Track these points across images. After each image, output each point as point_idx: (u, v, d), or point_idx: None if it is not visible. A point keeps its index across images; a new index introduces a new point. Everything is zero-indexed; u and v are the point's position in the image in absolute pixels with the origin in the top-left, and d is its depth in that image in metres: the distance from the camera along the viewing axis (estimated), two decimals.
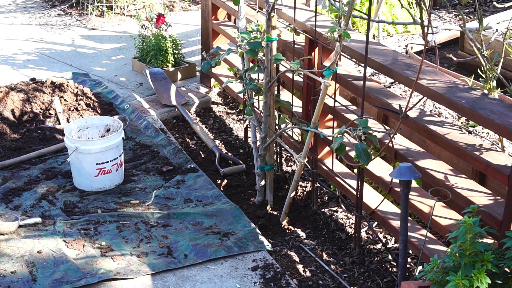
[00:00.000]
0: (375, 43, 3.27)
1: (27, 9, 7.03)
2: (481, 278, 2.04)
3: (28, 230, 3.22)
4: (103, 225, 3.28)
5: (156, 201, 3.52)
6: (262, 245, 3.14)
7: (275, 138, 3.43)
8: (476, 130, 4.22)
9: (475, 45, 2.83)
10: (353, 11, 2.82)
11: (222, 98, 5.01)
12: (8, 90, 4.48)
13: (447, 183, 2.68)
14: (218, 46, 3.58)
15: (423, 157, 2.90)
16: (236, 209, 3.43)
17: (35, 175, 3.75)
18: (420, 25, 2.69)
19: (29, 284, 2.83)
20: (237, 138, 4.43)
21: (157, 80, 4.75)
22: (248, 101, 3.53)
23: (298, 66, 3.10)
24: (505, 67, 4.82)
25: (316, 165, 3.45)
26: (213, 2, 4.84)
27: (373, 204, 3.13)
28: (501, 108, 2.43)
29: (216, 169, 3.99)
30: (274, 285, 2.88)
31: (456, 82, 2.72)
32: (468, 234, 2.10)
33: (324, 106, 3.25)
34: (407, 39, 6.02)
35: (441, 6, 6.97)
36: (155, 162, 3.94)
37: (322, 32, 3.26)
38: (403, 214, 2.54)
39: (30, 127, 4.28)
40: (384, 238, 3.29)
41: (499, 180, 2.41)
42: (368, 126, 2.69)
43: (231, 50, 3.46)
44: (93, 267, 2.95)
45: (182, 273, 2.96)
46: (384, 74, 3.02)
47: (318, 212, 3.51)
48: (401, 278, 2.60)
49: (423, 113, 2.91)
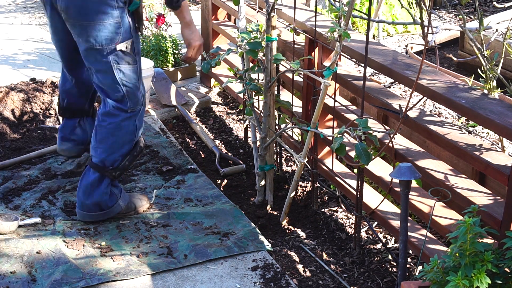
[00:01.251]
0: (375, 43, 3.27)
1: (27, 9, 7.03)
2: (481, 278, 2.03)
3: (27, 230, 3.21)
4: (103, 225, 3.28)
5: (156, 201, 3.52)
6: (262, 245, 3.14)
7: (275, 138, 3.43)
8: (476, 130, 4.22)
9: (475, 45, 2.83)
10: (353, 11, 2.81)
11: (222, 98, 5.01)
12: (8, 90, 4.48)
13: (447, 183, 2.68)
14: (218, 46, 3.58)
15: (423, 157, 2.90)
16: (236, 209, 3.43)
17: (35, 175, 3.75)
18: (420, 25, 2.69)
19: (28, 285, 2.83)
20: (237, 138, 4.43)
21: (157, 80, 4.75)
22: (248, 101, 3.53)
23: (298, 66, 3.10)
24: (505, 67, 4.82)
25: (316, 165, 3.45)
26: (213, 2, 4.84)
27: (373, 204, 3.13)
28: (501, 108, 2.43)
29: (216, 169, 3.99)
30: (274, 285, 2.88)
31: (456, 82, 2.72)
32: (468, 234, 2.10)
33: (324, 106, 3.25)
34: (407, 39, 6.02)
35: (441, 6, 6.97)
36: (155, 162, 3.94)
37: (322, 32, 3.26)
38: (403, 214, 2.54)
39: (30, 127, 4.28)
40: (384, 238, 3.29)
41: (499, 180, 2.41)
42: (368, 126, 2.69)
43: (231, 50, 3.46)
44: (92, 267, 2.95)
45: (182, 273, 2.96)
46: (384, 74, 3.02)
47: (318, 212, 3.51)
48: (401, 278, 2.60)
49: (423, 113, 2.91)
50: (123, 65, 3.07)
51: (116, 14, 2.96)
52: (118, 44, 3.00)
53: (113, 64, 3.04)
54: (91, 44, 3.00)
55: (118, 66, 3.05)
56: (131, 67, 3.09)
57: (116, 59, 3.04)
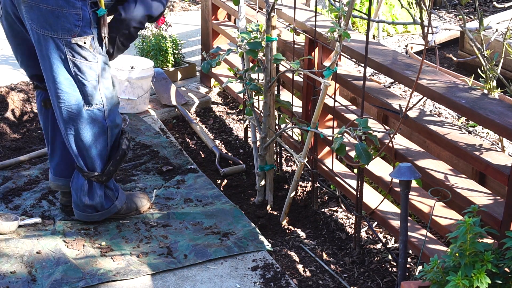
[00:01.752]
0: (375, 43, 3.28)
1: None
2: (481, 278, 2.03)
3: (27, 230, 3.22)
4: (103, 225, 3.28)
5: (156, 201, 3.52)
6: (262, 245, 3.14)
7: (275, 138, 3.43)
8: (476, 130, 4.22)
9: (475, 45, 2.83)
10: (353, 11, 2.82)
11: (222, 98, 5.01)
12: (8, 90, 4.48)
13: (447, 183, 2.68)
14: (218, 46, 3.58)
15: (423, 157, 2.90)
16: (236, 209, 3.43)
17: (35, 175, 3.75)
18: (420, 25, 2.69)
19: (28, 285, 2.83)
20: (237, 138, 4.43)
21: (157, 80, 4.75)
22: (248, 101, 3.53)
23: (298, 66, 3.10)
24: (505, 67, 4.82)
25: (316, 165, 3.45)
26: (213, 2, 4.84)
27: (373, 204, 3.13)
28: (501, 108, 2.43)
29: (216, 169, 3.99)
30: (274, 285, 2.88)
31: (456, 82, 2.72)
32: (468, 234, 2.10)
33: (324, 106, 3.25)
34: (407, 39, 6.02)
35: (441, 6, 6.97)
36: (155, 162, 3.94)
37: (322, 32, 3.26)
38: (403, 214, 2.54)
39: (30, 127, 4.29)
40: (384, 238, 3.29)
41: (499, 180, 2.41)
42: (368, 126, 2.69)
43: (231, 50, 3.46)
44: (92, 267, 2.94)
45: (182, 273, 2.96)
46: (384, 74, 3.02)
47: (318, 212, 3.51)
48: (401, 278, 2.60)
49: (423, 113, 2.91)
50: (79, 59, 2.91)
51: (78, 5, 2.84)
52: (74, 37, 2.86)
53: (68, 56, 2.90)
54: (46, 31, 2.85)
55: (73, 59, 2.90)
56: (89, 63, 2.94)
57: (71, 51, 2.88)
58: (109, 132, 3.12)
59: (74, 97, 2.99)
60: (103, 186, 3.20)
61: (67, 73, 2.94)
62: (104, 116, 3.07)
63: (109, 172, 3.16)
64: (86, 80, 2.97)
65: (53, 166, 3.33)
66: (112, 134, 3.14)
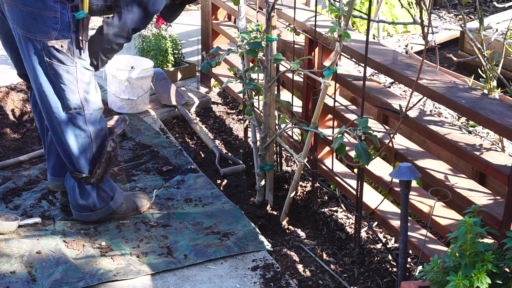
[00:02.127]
0: (375, 43, 3.27)
1: None
2: (481, 278, 2.03)
3: (27, 230, 3.21)
4: (103, 225, 3.28)
5: (156, 201, 3.52)
6: (262, 245, 3.14)
7: (275, 138, 3.43)
8: (476, 130, 4.22)
9: (475, 45, 2.83)
10: (353, 11, 2.81)
11: (222, 98, 5.01)
12: (8, 90, 4.48)
13: (447, 183, 2.68)
14: (218, 46, 3.58)
15: (423, 157, 2.90)
16: (236, 209, 3.43)
17: (35, 175, 3.75)
18: (420, 25, 2.69)
19: (28, 285, 2.82)
20: (237, 138, 4.43)
21: (157, 80, 4.75)
22: (248, 101, 3.53)
23: (298, 66, 3.10)
24: (505, 67, 4.82)
25: (316, 165, 3.45)
26: (213, 2, 4.84)
27: (373, 204, 3.13)
28: (501, 108, 2.43)
29: (216, 169, 3.99)
30: (274, 285, 2.88)
31: (456, 82, 2.71)
32: (469, 234, 2.10)
33: (324, 106, 3.25)
34: (407, 39, 6.02)
35: (441, 6, 6.97)
36: (155, 162, 3.94)
37: (322, 32, 3.26)
38: (403, 214, 2.54)
39: (30, 127, 4.28)
40: (384, 238, 3.28)
41: (499, 180, 2.41)
42: (368, 126, 2.69)
43: (231, 50, 3.46)
44: (92, 267, 2.94)
45: (182, 273, 2.96)
46: (384, 74, 3.02)
47: (318, 212, 3.51)
48: (401, 278, 2.60)
49: (423, 113, 2.91)
50: (55, 63, 2.88)
51: (56, 8, 2.81)
52: (51, 40, 2.84)
53: (45, 59, 2.87)
54: (25, 32, 2.83)
55: (51, 62, 2.87)
56: (66, 67, 2.90)
57: (48, 54, 2.87)
58: (92, 136, 3.07)
59: (54, 99, 2.96)
60: (95, 187, 3.20)
61: (46, 75, 2.92)
62: (85, 120, 3.03)
63: (98, 175, 3.13)
64: (63, 84, 2.94)
65: (50, 166, 3.33)
66: (97, 138, 3.09)
